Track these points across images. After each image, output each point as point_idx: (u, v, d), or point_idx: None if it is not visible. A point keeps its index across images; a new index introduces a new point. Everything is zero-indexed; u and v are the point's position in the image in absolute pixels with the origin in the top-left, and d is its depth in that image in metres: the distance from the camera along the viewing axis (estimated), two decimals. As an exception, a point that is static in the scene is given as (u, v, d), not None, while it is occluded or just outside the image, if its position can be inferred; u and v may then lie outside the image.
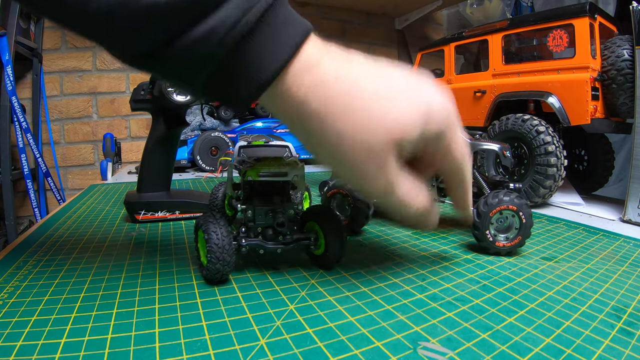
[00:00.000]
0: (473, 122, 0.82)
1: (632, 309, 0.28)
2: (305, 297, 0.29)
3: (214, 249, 0.29)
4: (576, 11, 0.65)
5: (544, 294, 0.30)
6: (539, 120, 0.64)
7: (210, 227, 0.29)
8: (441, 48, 0.93)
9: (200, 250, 0.32)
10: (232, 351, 0.22)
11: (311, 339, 0.23)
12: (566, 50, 0.67)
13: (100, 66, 1.30)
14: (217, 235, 0.29)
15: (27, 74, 1.23)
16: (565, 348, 0.23)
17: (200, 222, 0.31)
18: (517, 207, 0.37)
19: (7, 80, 1.06)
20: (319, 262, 0.34)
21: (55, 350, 0.21)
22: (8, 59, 1.04)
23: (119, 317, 0.25)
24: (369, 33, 1.63)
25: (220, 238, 0.29)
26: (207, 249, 0.29)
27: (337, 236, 0.33)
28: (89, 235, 0.43)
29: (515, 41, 0.80)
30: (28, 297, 0.27)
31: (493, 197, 0.37)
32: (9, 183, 1.08)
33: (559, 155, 0.62)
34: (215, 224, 0.30)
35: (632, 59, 0.61)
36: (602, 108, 0.65)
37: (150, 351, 0.21)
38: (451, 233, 0.46)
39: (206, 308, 0.27)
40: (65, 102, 1.28)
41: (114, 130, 1.33)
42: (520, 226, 0.37)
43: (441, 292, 0.30)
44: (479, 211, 0.37)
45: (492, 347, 0.23)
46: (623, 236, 0.48)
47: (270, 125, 1.26)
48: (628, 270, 0.36)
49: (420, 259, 0.38)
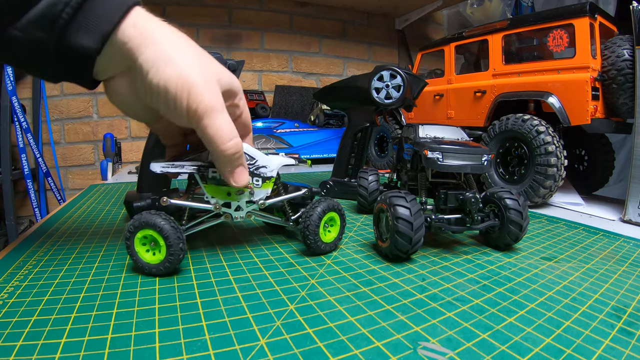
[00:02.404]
0: (473, 122, 0.82)
1: (632, 309, 0.28)
2: (305, 297, 0.29)
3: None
4: (576, 11, 0.65)
5: (544, 294, 0.30)
6: (539, 120, 0.64)
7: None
8: (441, 48, 0.93)
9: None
10: (232, 351, 0.22)
11: (311, 339, 0.23)
12: (566, 50, 0.67)
13: (100, 66, 1.30)
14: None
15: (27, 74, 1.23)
16: (565, 348, 0.23)
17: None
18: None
19: (7, 80, 1.06)
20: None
21: (55, 350, 0.21)
22: (8, 59, 1.04)
23: (119, 317, 0.25)
24: (369, 33, 1.63)
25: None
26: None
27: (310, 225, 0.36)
28: (89, 235, 0.43)
29: (516, 41, 0.80)
30: (28, 297, 0.27)
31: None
32: (9, 183, 1.08)
33: (559, 155, 0.62)
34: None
35: (632, 59, 0.61)
36: (602, 108, 0.65)
37: (150, 351, 0.21)
38: (451, 233, 0.46)
39: (206, 308, 0.27)
40: (65, 102, 1.28)
41: (114, 130, 1.33)
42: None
43: (441, 292, 0.30)
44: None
45: (492, 347, 0.23)
46: (623, 236, 0.48)
47: (270, 125, 1.26)
48: (628, 270, 0.36)
49: (420, 259, 0.38)
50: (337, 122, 1.37)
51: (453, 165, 0.39)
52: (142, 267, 0.32)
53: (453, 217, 0.40)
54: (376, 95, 0.60)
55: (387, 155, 1.10)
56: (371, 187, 0.55)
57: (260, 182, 0.37)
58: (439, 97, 0.93)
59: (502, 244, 0.40)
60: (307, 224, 0.36)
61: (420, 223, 0.35)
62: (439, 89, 0.92)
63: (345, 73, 1.60)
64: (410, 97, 0.61)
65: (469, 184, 0.43)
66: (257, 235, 0.44)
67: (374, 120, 0.65)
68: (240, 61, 0.47)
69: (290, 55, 1.52)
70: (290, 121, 1.31)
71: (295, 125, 1.29)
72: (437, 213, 0.41)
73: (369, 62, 1.64)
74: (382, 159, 1.11)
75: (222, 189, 0.35)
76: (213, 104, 0.29)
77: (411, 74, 0.59)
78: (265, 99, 1.41)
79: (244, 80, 1.45)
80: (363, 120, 0.65)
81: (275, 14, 1.48)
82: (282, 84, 1.48)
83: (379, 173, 0.58)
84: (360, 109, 0.66)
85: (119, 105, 0.31)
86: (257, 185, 0.36)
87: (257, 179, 0.36)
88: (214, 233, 0.45)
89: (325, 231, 0.38)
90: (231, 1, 1.41)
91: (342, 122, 1.38)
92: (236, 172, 0.32)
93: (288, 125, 1.28)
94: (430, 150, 0.40)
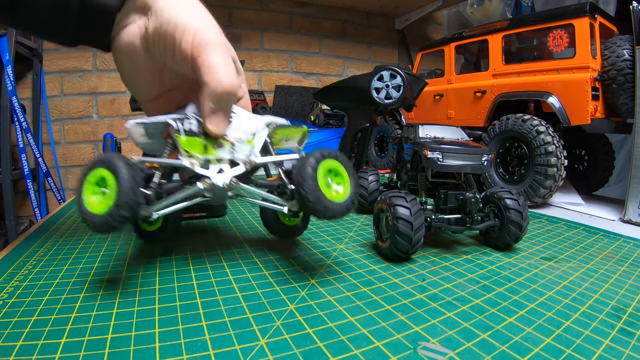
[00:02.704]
0: (473, 122, 0.82)
1: (632, 309, 0.28)
2: (305, 297, 0.29)
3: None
4: (576, 11, 0.65)
5: (544, 294, 0.30)
6: (539, 120, 0.64)
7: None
8: (441, 48, 0.93)
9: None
10: (232, 351, 0.22)
11: (311, 339, 0.23)
12: (566, 50, 0.67)
13: (100, 66, 1.30)
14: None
15: (27, 74, 1.23)
16: (565, 348, 0.23)
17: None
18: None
19: (7, 80, 1.06)
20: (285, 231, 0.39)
21: (55, 351, 0.21)
22: (8, 59, 1.04)
23: (119, 317, 0.25)
24: (369, 33, 1.63)
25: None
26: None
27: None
28: (89, 235, 0.43)
29: (516, 41, 0.80)
30: (28, 297, 0.27)
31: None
32: (9, 183, 1.08)
33: (559, 155, 0.62)
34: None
35: (632, 59, 0.61)
36: (602, 108, 0.65)
37: (150, 351, 0.21)
38: (451, 233, 0.46)
39: (206, 308, 0.27)
40: (65, 102, 1.28)
41: (114, 130, 1.32)
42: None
43: (441, 292, 0.30)
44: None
45: (492, 347, 0.23)
46: (623, 236, 0.48)
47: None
48: (628, 270, 0.36)
49: (420, 259, 0.38)
50: (337, 122, 1.37)
51: (453, 165, 0.39)
52: (85, 217, 0.27)
53: (453, 217, 0.40)
54: (376, 95, 0.60)
55: (387, 155, 1.10)
56: (371, 187, 0.55)
57: (243, 138, 0.31)
58: (439, 97, 0.93)
59: (502, 244, 0.40)
60: (300, 176, 0.28)
61: (420, 223, 0.35)
62: (439, 89, 0.92)
63: (345, 73, 1.60)
64: (410, 97, 0.61)
65: (469, 184, 0.43)
66: (257, 235, 0.44)
67: (374, 120, 0.65)
68: (240, 61, 0.46)
69: (290, 55, 1.52)
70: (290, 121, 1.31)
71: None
72: (437, 213, 0.41)
73: (369, 62, 1.64)
74: (382, 159, 1.11)
75: (197, 141, 0.30)
76: (220, 43, 0.29)
77: (411, 74, 0.59)
78: (265, 99, 1.41)
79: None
80: (363, 120, 0.65)
81: (275, 14, 1.48)
82: (282, 84, 1.48)
83: (379, 173, 0.58)
84: (360, 109, 0.66)
85: (124, 65, 0.31)
86: (239, 141, 0.31)
87: (240, 136, 0.31)
88: (213, 233, 0.45)
89: (330, 188, 0.29)
90: (231, 1, 1.41)
91: (342, 122, 1.37)
92: (216, 114, 0.29)
93: (288, 125, 1.28)
94: (430, 150, 0.40)
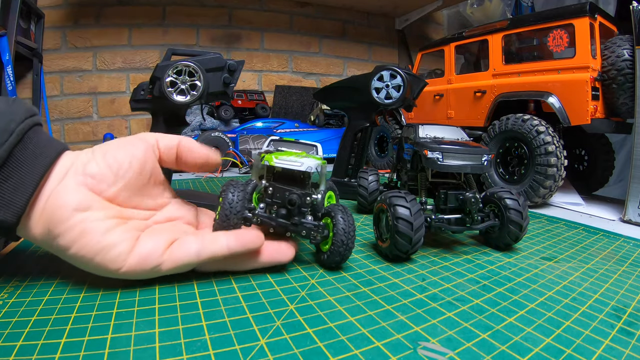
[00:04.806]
0: (473, 122, 0.82)
1: (632, 309, 0.28)
2: (305, 297, 0.29)
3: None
4: (576, 11, 0.65)
5: (544, 294, 0.30)
6: (539, 120, 0.64)
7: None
8: (441, 48, 0.93)
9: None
10: (232, 351, 0.22)
11: (311, 339, 0.23)
12: (566, 50, 0.67)
13: (100, 66, 1.30)
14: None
15: (27, 74, 1.23)
16: (565, 348, 0.23)
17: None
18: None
19: (7, 80, 1.06)
20: (322, 261, 0.34)
21: (55, 350, 0.21)
22: (8, 59, 1.04)
23: (119, 317, 0.25)
24: (369, 33, 1.64)
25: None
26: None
27: (345, 235, 0.32)
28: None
29: (516, 41, 0.80)
30: (28, 297, 0.27)
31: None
32: (9, 183, 1.08)
33: (559, 155, 0.62)
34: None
35: (632, 59, 0.61)
36: (602, 108, 0.65)
37: (150, 351, 0.21)
38: (451, 233, 0.46)
39: (206, 308, 0.27)
40: (65, 102, 1.28)
41: (114, 130, 1.33)
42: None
43: (441, 292, 0.30)
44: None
45: (492, 347, 0.23)
46: (623, 236, 0.48)
47: (270, 125, 1.26)
48: (628, 270, 0.36)
49: (420, 259, 0.38)
50: (337, 122, 1.38)
51: (453, 165, 0.39)
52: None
53: (453, 217, 0.40)
54: (376, 95, 0.60)
55: (387, 155, 1.10)
56: (371, 187, 0.55)
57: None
58: (439, 97, 0.93)
59: (502, 244, 0.40)
60: (344, 233, 0.32)
61: (420, 223, 0.35)
62: (439, 89, 0.92)
63: (345, 73, 1.60)
64: (410, 97, 0.61)
65: (469, 184, 0.43)
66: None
67: (374, 120, 0.65)
68: (240, 61, 0.46)
69: (290, 55, 1.52)
70: (290, 121, 1.31)
71: (295, 125, 1.29)
72: (437, 213, 0.41)
73: (369, 62, 1.64)
74: (382, 159, 1.11)
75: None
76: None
77: (411, 74, 0.59)
78: (265, 99, 1.41)
79: (244, 80, 1.45)
80: (363, 120, 0.65)
81: (275, 14, 1.48)
82: (282, 84, 1.48)
83: (379, 173, 0.58)
84: (360, 109, 0.66)
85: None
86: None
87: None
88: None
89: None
90: (231, 1, 1.41)
91: (342, 122, 1.38)
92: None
93: (288, 126, 1.28)
94: (430, 150, 0.40)
